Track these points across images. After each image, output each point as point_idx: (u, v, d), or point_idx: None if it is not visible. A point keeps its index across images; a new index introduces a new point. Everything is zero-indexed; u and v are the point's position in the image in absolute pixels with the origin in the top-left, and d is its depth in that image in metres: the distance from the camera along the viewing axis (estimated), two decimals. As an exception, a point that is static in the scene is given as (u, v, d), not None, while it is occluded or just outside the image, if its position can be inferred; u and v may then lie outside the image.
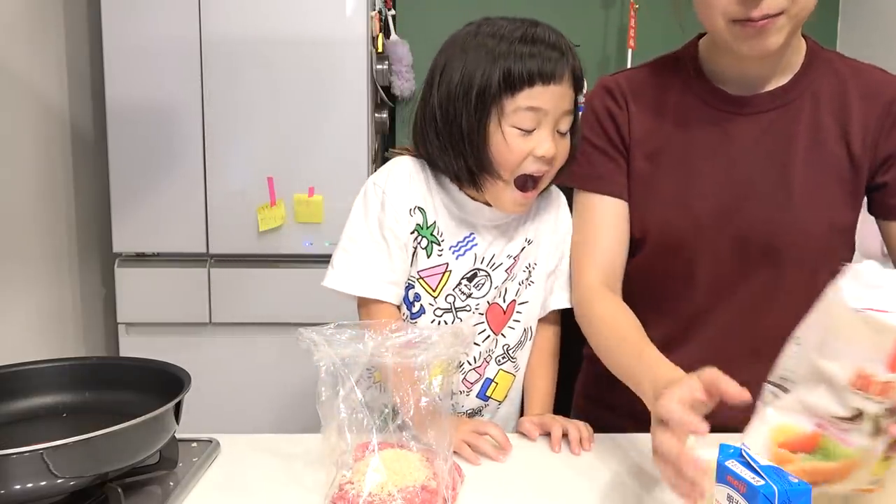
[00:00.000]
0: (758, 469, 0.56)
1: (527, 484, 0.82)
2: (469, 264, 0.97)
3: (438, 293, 0.97)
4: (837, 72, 0.95)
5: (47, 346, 1.94)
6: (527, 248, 1.00)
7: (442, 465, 0.75)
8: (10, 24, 1.77)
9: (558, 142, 0.91)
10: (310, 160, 1.94)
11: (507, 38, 0.88)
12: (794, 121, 0.94)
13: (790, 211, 0.93)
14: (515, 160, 0.89)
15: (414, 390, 0.76)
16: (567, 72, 0.89)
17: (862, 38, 2.58)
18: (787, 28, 0.85)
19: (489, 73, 0.87)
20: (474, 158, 0.90)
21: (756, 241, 0.94)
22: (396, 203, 0.95)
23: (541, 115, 0.88)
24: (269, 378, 2.01)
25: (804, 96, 0.94)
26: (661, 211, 0.98)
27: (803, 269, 0.94)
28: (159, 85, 1.93)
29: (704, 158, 0.96)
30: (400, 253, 0.95)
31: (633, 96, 1.00)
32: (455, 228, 0.97)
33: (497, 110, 0.88)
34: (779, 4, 0.82)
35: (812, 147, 0.93)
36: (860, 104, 0.92)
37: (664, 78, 1.00)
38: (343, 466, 0.75)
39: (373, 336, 0.77)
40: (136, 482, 0.79)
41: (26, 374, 0.89)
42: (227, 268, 2.00)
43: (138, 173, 1.95)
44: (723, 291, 0.97)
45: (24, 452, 0.65)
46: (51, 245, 1.96)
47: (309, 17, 1.91)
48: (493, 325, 0.99)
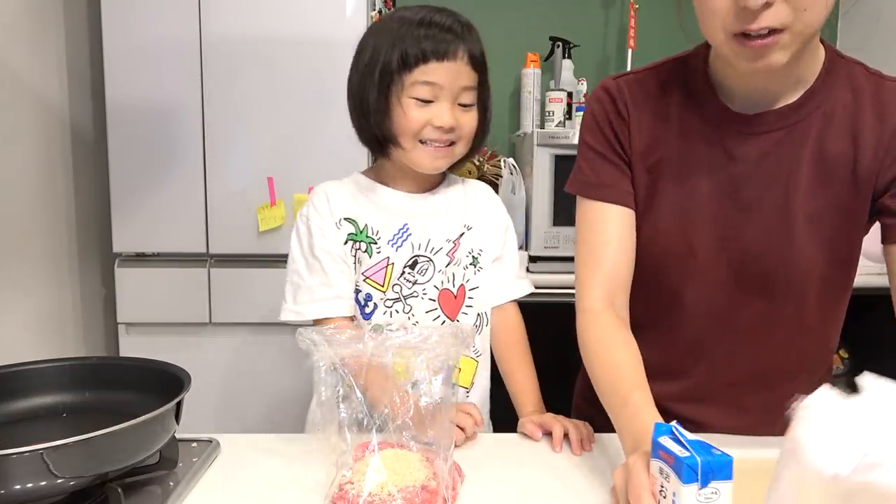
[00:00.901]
0: (685, 443, 0.60)
1: (527, 484, 0.82)
2: (408, 253, 1.04)
3: (386, 287, 1.03)
4: (856, 86, 0.87)
5: (47, 346, 1.94)
6: (466, 233, 1.08)
7: (442, 465, 0.75)
8: (10, 24, 1.77)
9: (460, 114, 1.00)
10: (310, 160, 1.94)
11: (407, 22, 0.98)
12: (801, 142, 0.87)
13: (789, 243, 0.88)
14: (414, 128, 0.98)
15: (394, 390, 0.77)
16: (461, 51, 0.97)
17: (862, 38, 2.58)
18: (793, 46, 0.78)
19: (390, 53, 0.97)
20: (379, 128, 1.00)
21: (751, 271, 0.90)
22: (321, 223, 1.04)
23: (436, 88, 0.97)
24: (269, 378, 2.01)
25: (814, 115, 0.87)
26: (657, 230, 0.94)
27: (797, 301, 0.91)
28: (159, 85, 1.93)
29: (705, 178, 0.90)
30: (336, 266, 1.03)
31: (635, 104, 0.95)
32: (389, 222, 1.05)
33: (397, 85, 0.97)
34: (780, 18, 0.75)
35: (818, 172, 0.87)
36: (873, 123, 0.85)
37: (669, 85, 0.94)
38: (343, 466, 0.75)
39: (373, 336, 0.77)
40: (136, 482, 0.79)
41: (26, 374, 0.89)
42: (227, 268, 2.00)
43: (138, 173, 1.95)
44: (716, 319, 0.94)
45: (24, 452, 0.65)
46: (51, 245, 1.96)
47: (309, 17, 1.91)
48: (447, 310, 1.04)
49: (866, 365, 2.20)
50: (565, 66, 2.49)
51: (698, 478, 0.57)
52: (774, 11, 0.74)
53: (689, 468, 0.57)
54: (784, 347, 0.91)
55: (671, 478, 0.60)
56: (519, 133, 2.53)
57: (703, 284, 0.92)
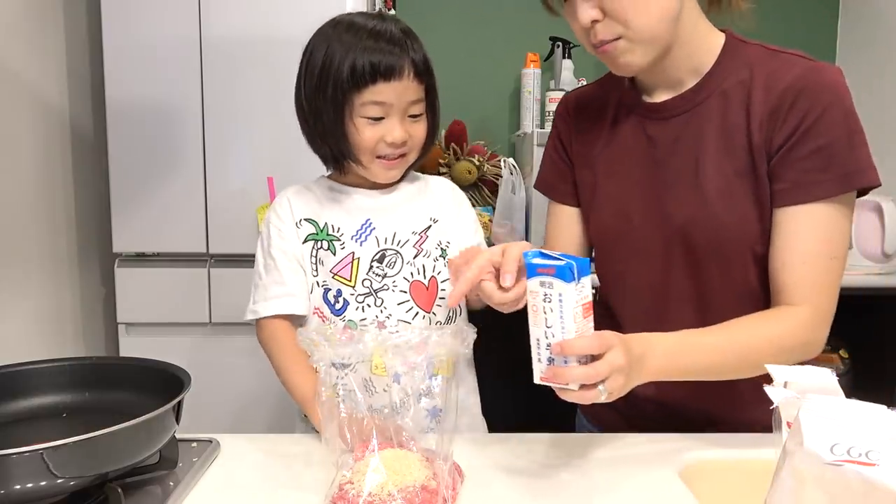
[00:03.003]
0: (556, 257, 0.74)
1: (527, 484, 0.82)
2: (374, 247, 1.06)
3: (354, 281, 1.04)
4: (751, 64, 0.94)
5: (47, 347, 1.94)
6: (433, 226, 1.10)
7: (442, 465, 0.75)
8: (9, 24, 1.77)
9: (410, 126, 1.02)
10: (310, 160, 1.92)
11: (354, 32, 1.00)
12: (704, 121, 0.96)
13: (705, 213, 0.94)
14: (369, 146, 1.01)
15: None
16: (407, 66, 0.98)
17: (862, 38, 2.58)
18: (638, 49, 0.91)
19: (340, 69, 0.98)
20: (338, 148, 1.03)
21: (678, 243, 0.97)
22: (279, 224, 1.08)
23: (386, 107, 0.99)
24: (268, 378, 1.99)
25: (713, 96, 0.96)
26: (601, 218, 1.06)
27: (722, 267, 0.96)
28: (159, 85, 1.93)
29: (634, 164, 1.02)
30: (290, 265, 1.06)
31: (578, 111, 1.11)
32: (351, 219, 1.07)
33: (349, 105, 0.99)
34: (609, 31, 0.89)
35: (721, 145, 0.94)
36: (762, 95, 0.92)
37: (608, 90, 1.08)
38: (343, 466, 0.75)
39: (373, 336, 0.77)
40: (136, 482, 0.79)
41: (26, 374, 0.89)
42: (227, 268, 2.00)
43: (138, 173, 1.95)
44: (654, 291, 1.01)
45: (24, 452, 0.65)
46: (51, 245, 1.96)
47: (309, 17, 1.88)
48: (420, 302, 1.05)
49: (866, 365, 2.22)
50: (565, 66, 2.49)
51: (575, 276, 0.72)
52: (602, 26, 0.90)
53: (568, 271, 0.72)
54: (721, 314, 0.92)
55: (555, 284, 0.73)
56: (519, 133, 2.53)
57: (640, 260, 1.02)
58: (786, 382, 0.63)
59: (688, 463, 0.87)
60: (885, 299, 2.07)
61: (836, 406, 0.55)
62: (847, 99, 0.89)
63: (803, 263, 0.90)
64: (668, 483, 0.82)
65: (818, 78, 0.89)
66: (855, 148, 0.88)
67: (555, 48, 2.50)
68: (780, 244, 0.91)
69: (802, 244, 0.90)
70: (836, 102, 0.88)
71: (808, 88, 0.89)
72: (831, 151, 0.88)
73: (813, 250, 0.90)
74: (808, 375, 0.64)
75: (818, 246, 0.90)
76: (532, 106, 2.47)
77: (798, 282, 0.90)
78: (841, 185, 0.89)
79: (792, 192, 0.90)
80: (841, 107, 0.88)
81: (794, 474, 0.54)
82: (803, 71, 0.90)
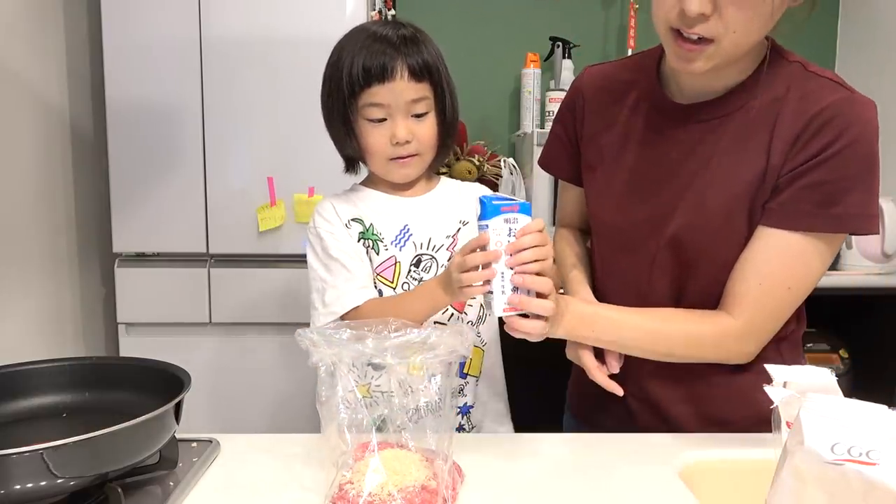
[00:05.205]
0: (508, 198, 0.85)
1: (527, 484, 0.82)
2: (411, 252, 1.08)
3: (396, 284, 1.07)
4: (788, 82, 0.91)
5: (47, 347, 1.94)
6: (463, 228, 1.11)
7: (442, 465, 0.75)
8: (10, 24, 1.77)
9: (414, 125, 1.03)
10: (310, 160, 1.94)
11: (356, 37, 1.02)
12: (726, 133, 0.92)
13: (701, 220, 0.93)
14: (379, 149, 1.04)
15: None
16: (399, 68, 0.99)
17: (861, 39, 2.58)
18: (719, 60, 0.86)
19: (341, 73, 1.01)
20: (353, 150, 1.07)
21: (668, 246, 0.96)
22: (330, 228, 1.08)
23: (385, 108, 1.01)
24: (268, 378, 2.00)
25: (742, 109, 0.92)
26: (599, 204, 1.06)
27: (705, 272, 0.95)
28: (159, 85, 1.93)
29: (643, 160, 0.99)
30: (354, 262, 1.06)
31: (596, 91, 1.07)
32: (390, 225, 1.09)
33: (352, 108, 1.02)
34: (711, 31, 0.83)
35: (735, 159, 0.91)
36: (790, 118, 0.88)
37: (632, 75, 1.04)
38: (343, 466, 0.75)
39: (373, 336, 0.77)
40: (136, 482, 0.79)
41: (26, 374, 0.89)
42: (227, 268, 1.99)
43: (138, 173, 1.95)
44: (643, 293, 0.99)
45: (24, 452, 0.65)
46: (50, 245, 1.96)
47: (309, 17, 1.91)
48: (455, 303, 1.07)
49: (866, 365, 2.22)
50: (565, 66, 2.49)
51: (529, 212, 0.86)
52: (708, 24, 0.83)
53: (528, 206, 0.85)
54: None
55: (519, 219, 0.84)
56: (519, 133, 2.53)
57: (628, 256, 1.01)
58: (785, 382, 0.63)
59: (688, 463, 0.87)
60: (885, 299, 2.07)
61: (836, 406, 0.55)
62: (874, 139, 0.85)
63: (759, 284, 0.90)
64: (667, 483, 0.82)
65: (850, 110, 0.85)
66: (862, 192, 0.85)
67: (555, 48, 2.50)
68: (747, 256, 0.91)
69: (765, 265, 0.89)
70: (861, 140, 0.84)
71: (838, 119, 0.85)
72: (836, 188, 0.85)
73: (772, 274, 0.89)
74: (808, 375, 0.64)
75: (780, 271, 0.89)
76: (532, 106, 2.47)
77: (745, 296, 0.90)
78: (830, 225, 0.87)
79: (778, 215, 0.88)
80: (866, 146, 0.85)
81: (795, 474, 0.54)
82: (838, 100, 0.86)
